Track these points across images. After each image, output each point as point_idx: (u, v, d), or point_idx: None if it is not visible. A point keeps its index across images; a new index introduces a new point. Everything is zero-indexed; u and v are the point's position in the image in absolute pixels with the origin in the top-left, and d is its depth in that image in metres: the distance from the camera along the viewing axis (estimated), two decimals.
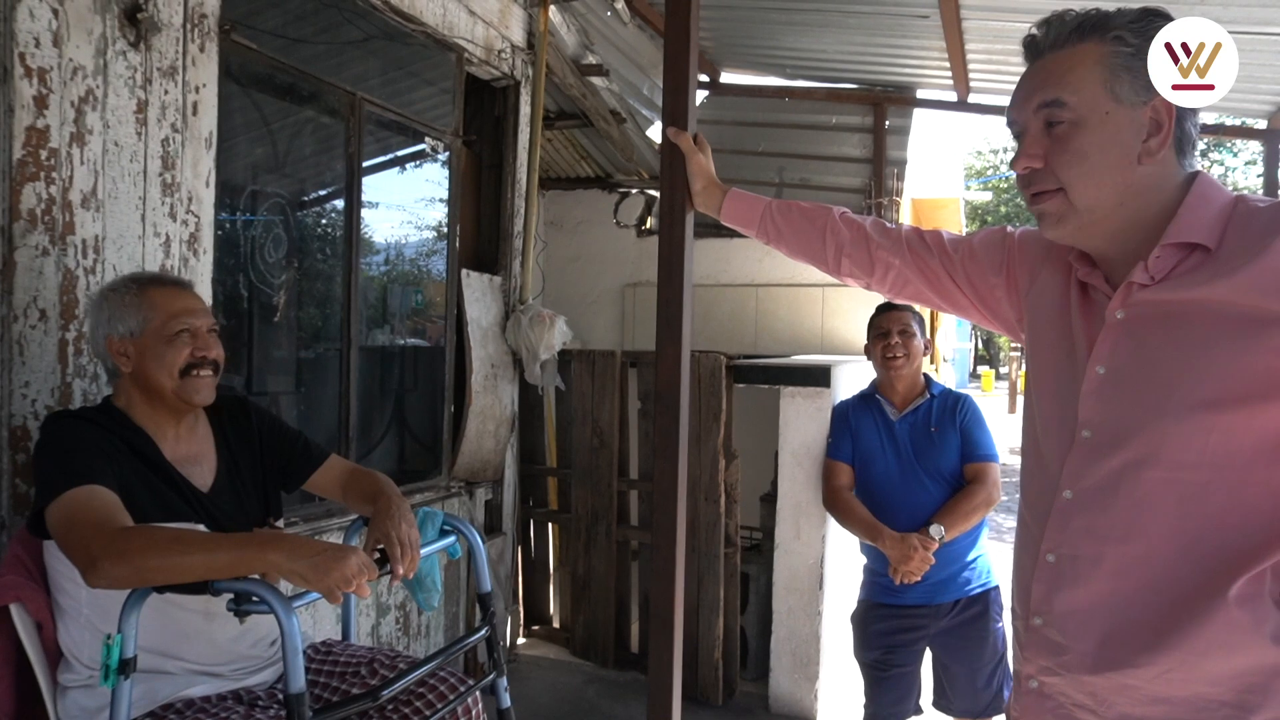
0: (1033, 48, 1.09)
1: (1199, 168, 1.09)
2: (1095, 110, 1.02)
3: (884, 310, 2.62)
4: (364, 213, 2.94)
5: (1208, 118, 5.69)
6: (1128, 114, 1.02)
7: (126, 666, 1.45)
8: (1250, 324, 0.93)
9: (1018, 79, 1.12)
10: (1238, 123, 5.04)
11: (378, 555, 1.62)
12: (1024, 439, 1.22)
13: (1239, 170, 18.50)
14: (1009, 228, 1.39)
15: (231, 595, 1.41)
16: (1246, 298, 0.93)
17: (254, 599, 1.40)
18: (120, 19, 2.00)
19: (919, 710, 2.60)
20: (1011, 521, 7.62)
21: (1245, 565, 0.94)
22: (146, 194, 2.09)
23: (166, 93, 2.13)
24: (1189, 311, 0.98)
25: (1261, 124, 4.63)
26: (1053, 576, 1.07)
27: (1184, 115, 1.04)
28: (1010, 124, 1.12)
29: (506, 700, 1.89)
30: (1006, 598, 2.38)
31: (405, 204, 3.35)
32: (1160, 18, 1.02)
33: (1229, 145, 17.81)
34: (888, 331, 2.57)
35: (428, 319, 3.51)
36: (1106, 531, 1.02)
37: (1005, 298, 1.35)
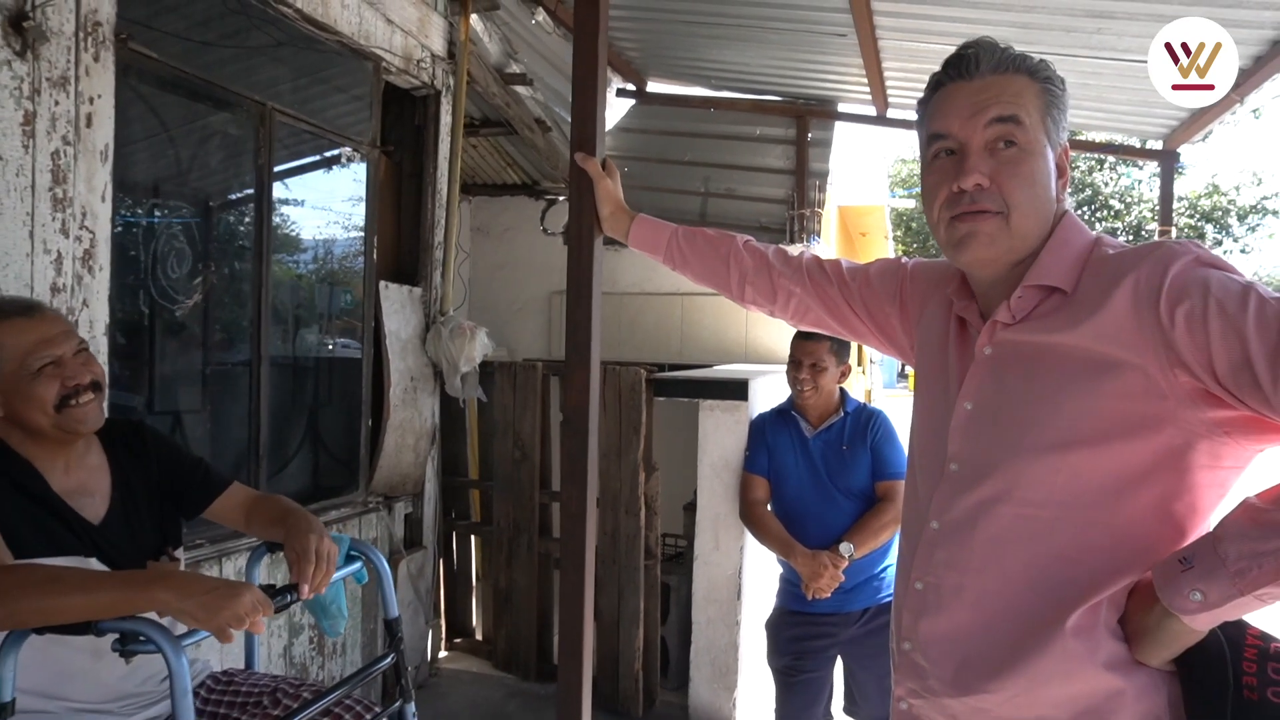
0: (968, 65, 1.08)
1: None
2: (1039, 141, 1.06)
3: (802, 339, 2.63)
4: (276, 225, 2.87)
5: (1113, 136, 5.96)
6: (1049, 153, 1.07)
7: (3, 710, 1.40)
8: (1096, 369, 0.98)
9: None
10: (1137, 143, 5.28)
11: (281, 586, 1.58)
12: (907, 469, 1.27)
13: (1144, 183, 19.41)
14: (903, 259, 1.44)
15: (117, 635, 1.36)
16: (1093, 344, 0.99)
17: (140, 639, 1.36)
18: (4, 27, 1.91)
19: (829, 717, 2.66)
20: None
21: (1083, 598, 0.99)
22: (35, 209, 2.00)
23: (57, 104, 2.04)
24: (1044, 354, 1.03)
25: (1158, 145, 4.87)
26: (919, 604, 1.12)
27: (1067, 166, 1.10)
28: (938, 137, 1.09)
29: None
30: None
31: (321, 215, 3.28)
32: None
33: (1135, 160, 18.68)
34: (799, 363, 2.62)
35: (344, 333, 3.45)
36: (965, 563, 1.07)
37: (899, 326, 1.40)
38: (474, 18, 3.72)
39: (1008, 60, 1.07)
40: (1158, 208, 5.68)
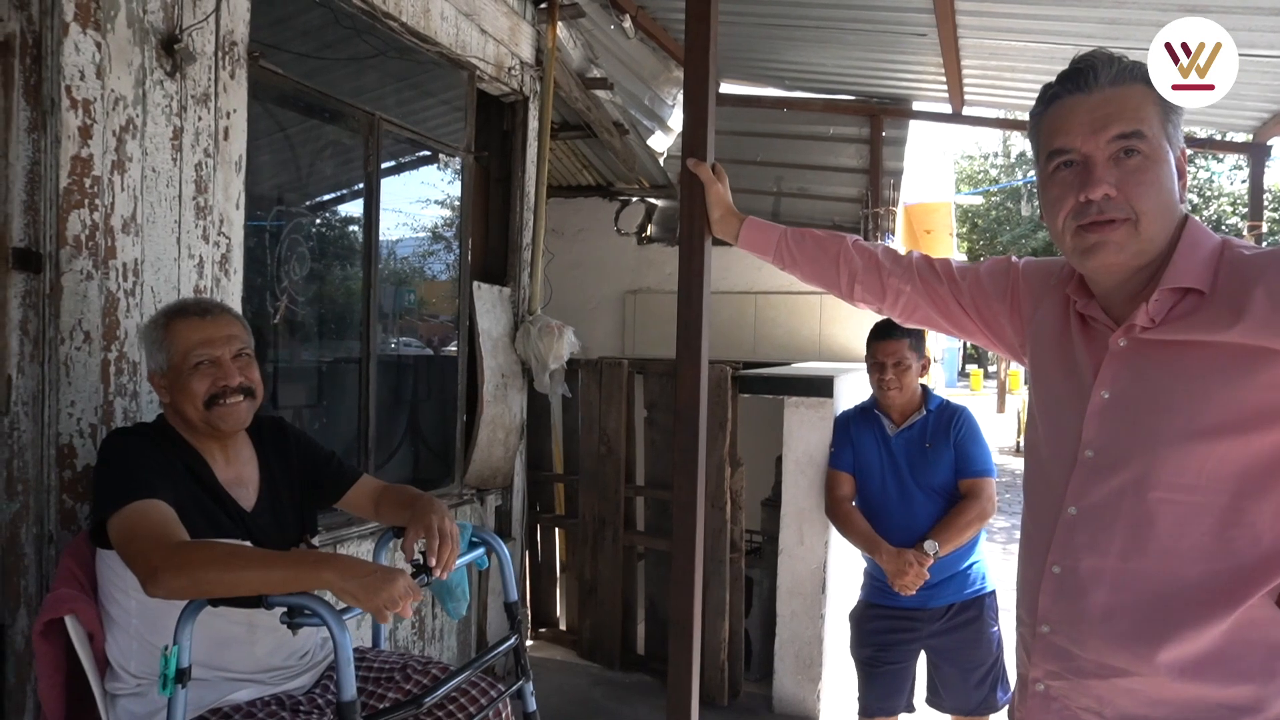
0: (1085, 79, 1.10)
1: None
2: (1162, 147, 1.09)
3: (880, 338, 2.62)
4: (382, 229, 3.02)
5: (1194, 129, 5.83)
6: (1171, 157, 1.11)
7: (183, 675, 1.53)
8: (1246, 361, 1.02)
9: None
10: (1221, 136, 5.17)
11: (415, 567, 1.70)
12: (1027, 456, 1.31)
13: (1224, 175, 18.77)
14: (1013, 257, 1.48)
15: (285, 609, 1.49)
16: (1243, 339, 1.03)
17: (307, 613, 1.48)
18: (158, 50, 2.07)
19: (911, 707, 2.69)
20: (1003, 523, 7.74)
21: (1243, 584, 1.03)
22: (181, 217, 2.16)
23: (200, 119, 2.20)
24: (1189, 349, 1.08)
25: (1246, 137, 4.76)
26: (1058, 588, 1.16)
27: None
28: (1059, 152, 1.13)
29: (533, 704, 1.98)
30: (1003, 601, 2.48)
31: (420, 219, 3.44)
32: None
33: (1214, 153, 18.11)
34: (883, 364, 2.60)
35: (441, 331, 3.60)
36: (1107, 546, 1.11)
37: (1009, 323, 1.44)
38: (560, 25, 3.82)
39: (1125, 71, 1.10)
40: (1239, 201, 5.52)
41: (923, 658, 2.67)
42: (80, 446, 1.92)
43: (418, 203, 3.40)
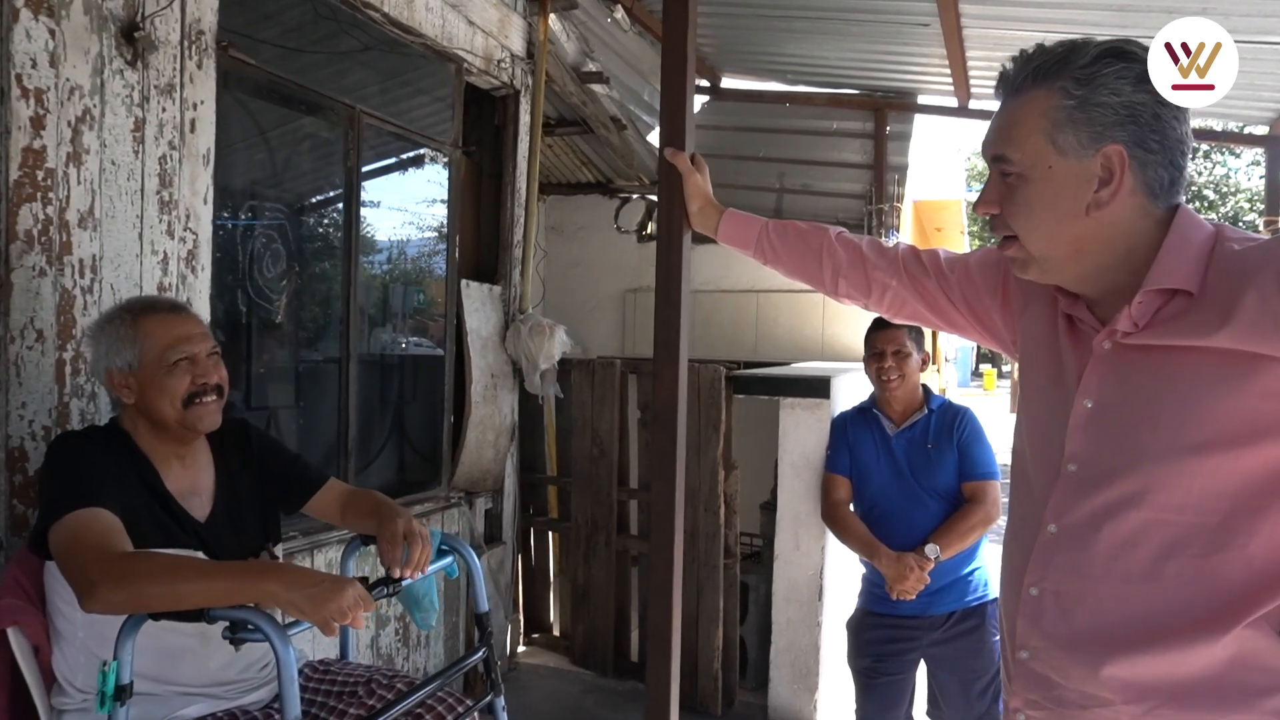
0: (1001, 87, 1.10)
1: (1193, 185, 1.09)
2: (1038, 165, 1.03)
3: (878, 328, 2.57)
4: (363, 225, 2.94)
5: (1209, 122, 5.69)
6: (1074, 166, 1.01)
7: (123, 693, 1.46)
8: (1239, 368, 0.93)
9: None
10: (1238, 129, 5.02)
11: (377, 579, 1.62)
12: (1013, 463, 1.22)
13: (1241, 171, 18.42)
14: None
15: (227, 623, 1.41)
16: (1234, 345, 0.93)
17: (249, 627, 1.40)
18: (117, 38, 2.00)
19: (910, 719, 2.61)
20: None
21: (1234, 609, 0.94)
22: (144, 212, 2.09)
23: (164, 110, 2.13)
24: (1178, 356, 0.98)
25: (1263, 130, 4.63)
26: (1035, 611, 1.07)
27: (1148, 162, 1.00)
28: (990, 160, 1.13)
29: (504, 719, 1.89)
30: None
31: (405, 215, 3.36)
32: (1116, 60, 0.99)
33: (1231, 147, 17.83)
34: (882, 353, 2.54)
35: (427, 331, 3.52)
36: (1089, 569, 1.02)
37: (1000, 318, 1.35)
38: (552, 17, 3.74)
39: (1028, 77, 1.04)
40: (1256, 197, 5.39)
41: (922, 668, 2.58)
42: (32, 450, 1.85)
43: (402, 198, 3.33)
